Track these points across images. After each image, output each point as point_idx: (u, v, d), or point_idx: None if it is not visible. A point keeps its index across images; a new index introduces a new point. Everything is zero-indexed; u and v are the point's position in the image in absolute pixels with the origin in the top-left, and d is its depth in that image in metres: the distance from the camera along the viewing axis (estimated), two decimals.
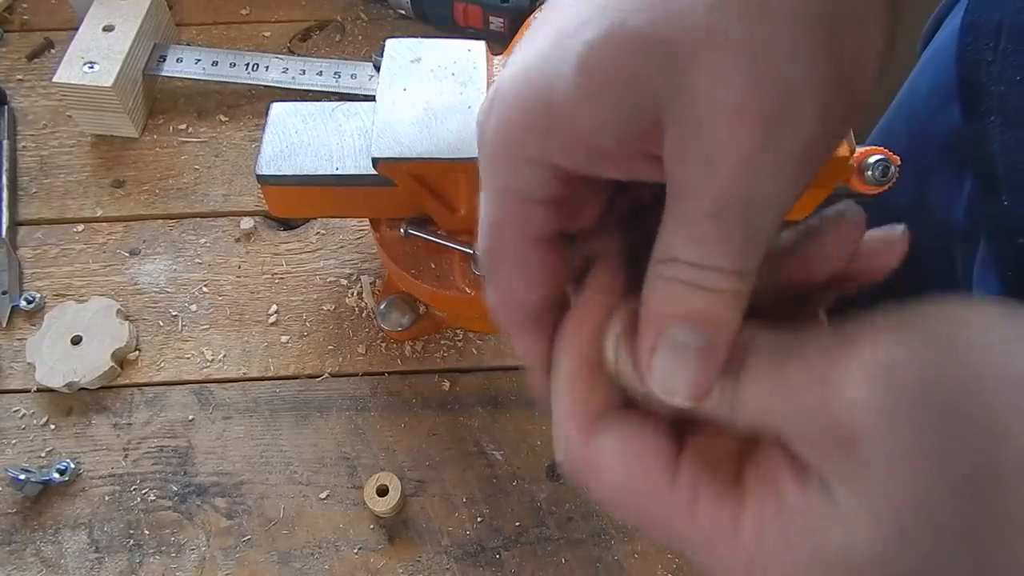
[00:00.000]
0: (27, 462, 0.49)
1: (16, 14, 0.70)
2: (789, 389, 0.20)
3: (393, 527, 0.47)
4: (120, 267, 0.57)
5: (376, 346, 0.53)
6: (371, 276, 0.56)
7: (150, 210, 0.59)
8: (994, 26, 0.48)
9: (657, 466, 0.22)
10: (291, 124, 0.47)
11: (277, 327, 0.54)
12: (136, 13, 0.62)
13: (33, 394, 0.51)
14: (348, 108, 0.48)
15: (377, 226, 0.50)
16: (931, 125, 0.58)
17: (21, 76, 0.66)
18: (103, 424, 0.50)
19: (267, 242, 0.58)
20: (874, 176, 0.43)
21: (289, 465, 0.49)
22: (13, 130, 0.62)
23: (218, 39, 0.69)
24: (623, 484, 0.22)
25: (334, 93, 0.62)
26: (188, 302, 0.55)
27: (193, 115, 0.64)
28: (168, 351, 0.53)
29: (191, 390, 0.52)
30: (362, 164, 0.45)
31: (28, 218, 0.59)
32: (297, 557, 0.46)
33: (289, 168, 0.46)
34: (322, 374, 0.52)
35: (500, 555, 0.47)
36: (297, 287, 0.56)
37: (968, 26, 0.51)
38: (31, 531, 0.47)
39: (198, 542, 0.47)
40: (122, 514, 0.47)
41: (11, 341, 0.53)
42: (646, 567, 0.46)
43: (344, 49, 0.69)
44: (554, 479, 0.49)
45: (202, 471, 0.49)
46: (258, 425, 0.50)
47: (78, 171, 0.61)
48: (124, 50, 0.59)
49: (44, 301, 0.55)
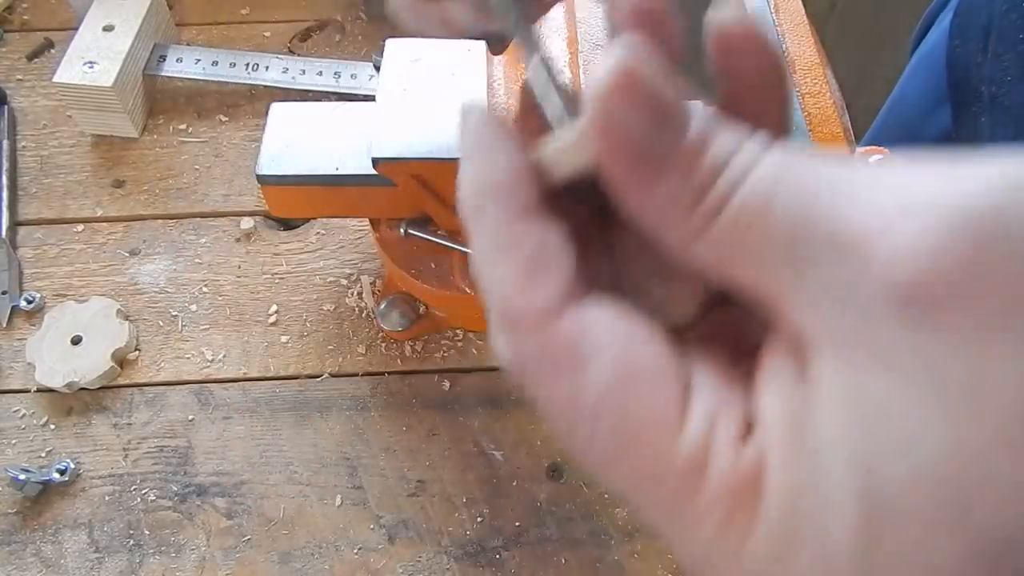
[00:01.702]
0: (27, 462, 0.49)
1: (16, 14, 0.70)
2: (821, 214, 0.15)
3: (393, 527, 0.47)
4: (120, 267, 0.57)
5: (376, 346, 0.53)
6: (371, 276, 0.56)
7: (150, 210, 0.59)
8: (983, 27, 0.48)
9: (667, 372, 0.17)
10: (291, 124, 0.47)
11: (277, 327, 0.54)
12: (136, 13, 0.62)
13: (33, 394, 0.51)
14: (348, 108, 0.48)
15: (377, 226, 0.50)
16: (922, 127, 0.58)
17: (21, 76, 0.66)
18: (103, 424, 0.50)
19: (267, 242, 0.58)
20: None
21: (289, 465, 0.49)
22: (13, 130, 0.62)
23: (218, 39, 0.69)
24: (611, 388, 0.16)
25: (334, 93, 0.62)
26: (188, 302, 0.55)
27: (193, 115, 0.64)
28: (168, 351, 0.53)
29: (191, 390, 0.52)
30: (362, 164, 0.45)
31: (28, 218, 0.59)
32: (297, 557, 0.46)
33: (289, 168, 0.46)
34: (322, 374, 0.52)
35: (500, 555, 0.47)
36: (297, 287, 0.56)
37: (957, 28, 0.51)
38: (31, 531, 0.47)
39: (198, 542, 0.47)
40: (122, 514, 0.47)
41: (11, 341, 0.53)
42: (646, 567, 0.46)
43: (344, 49, 0.69)
44: (554, 479, 0.49)
45: (202, 471, 0.49)
46: (258, 425, 0.50)
47: (78, 171, 0.61)
48: (124, 50, 0.59)
49: (44, 301, 0.55)
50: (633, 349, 0.17)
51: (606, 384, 0.16)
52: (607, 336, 0.17)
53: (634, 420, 0.16)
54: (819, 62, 0.43)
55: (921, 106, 0.59)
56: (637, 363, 0.17)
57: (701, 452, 0.16)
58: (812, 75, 0.42)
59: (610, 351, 0.17)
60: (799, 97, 0.42)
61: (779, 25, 0.44)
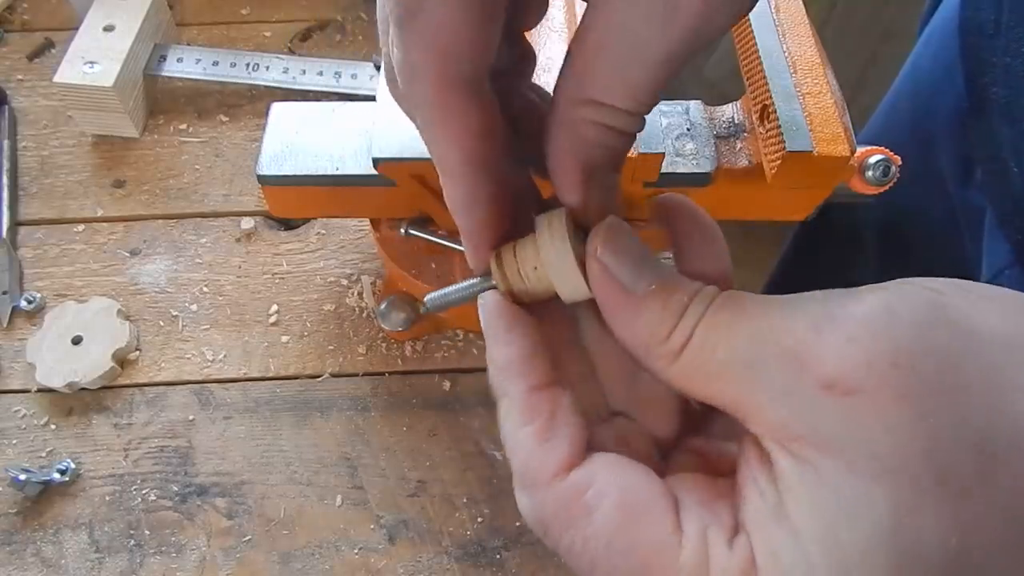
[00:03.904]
0: (27, 462, 0.49)
1: (16, 14, 0.70)
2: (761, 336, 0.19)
3: (393, 527, 0.47)
4: (120, 267, 0.57)
5: (376, 346, 0.53)
6: (371, 276, 0.56)
7: (150, 210, 0.59)
8: None
9: (660, 507, 0.20)
10: (291, 124, 0.47)
11: (277, 327, 0.54)
12: (136, 13, 0.62)
13: (34, 394, 0.51)
14: (348, 108, 0.48)
15: (377, 226, 0.50)
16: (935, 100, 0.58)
17: (21, 76, 0.66)
18: (103, 424, 0.50)
19: (267, 242, 0.58)
20: (875, 176, 0.43)
21: (289, 465, 0.49)
22: (13, 130, 0.62)
23: (218, 39, 0.69)
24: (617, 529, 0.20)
25: (334, 93, 0.62)
26: (188, 302, 0.55)
27: (193, 115, 0.64)
28: (168, 351, 0.53)
29: (191, 390, 0.52)
30: (362, 164, 0.45)
31: (28, 218, 0.59)
32: (297, 557, 0.46)
33: (290, 168, 0.46)
34: (322, 374, 0.52)
35: (500, 555, 0.47)
36: (297, 287, 0.56)
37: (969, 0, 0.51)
38: (31, 531, 0.47)
39: (198, 542, 0.47)
40: (122, 514, 0.47)
41: (11, 341, 0.53)
42: None
43: (344, 49, 0.69)
44: None
45: (202, 471, 0.49)
46: (258, 425, 0.50)
47: (78, 171, 0.61)
48: (124, 50, 0.59)
49: (44, 301, 0.55)
50: (631, 490, 0.20)
51: (613, 525, 0.20)
52: (609, 484, 0.20)
53: (641, 550, 0.19)
54: (819, 62, 0.43)
55: (933, 78, 0.59)
56: (635, 502, 0.20)
57: (701, 562, 0.19)
58: (812, 75, 0.42)
59: (612, 496, 0.20)
60: (799, 97, 0.41)
61: (779, 25, 0.44)
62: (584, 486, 0.20)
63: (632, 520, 0.20)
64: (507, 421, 0.22)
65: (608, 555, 0.20)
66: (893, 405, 0.17)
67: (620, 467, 0.21)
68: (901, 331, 0.18)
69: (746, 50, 0.44)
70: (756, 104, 0.43)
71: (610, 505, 0.20)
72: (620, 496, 0.20)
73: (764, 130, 0.42)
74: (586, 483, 0.20)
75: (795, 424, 0.18)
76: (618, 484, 0.20)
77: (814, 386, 0.18)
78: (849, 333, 0.18)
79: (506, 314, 0.24)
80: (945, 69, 0.56)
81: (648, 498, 0.20)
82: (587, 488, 0.20)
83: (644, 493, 0.20)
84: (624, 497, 0.20)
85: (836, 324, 0.18)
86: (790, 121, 0.40)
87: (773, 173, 0.41)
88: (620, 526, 0.20)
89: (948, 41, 0.55)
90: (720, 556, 0.19)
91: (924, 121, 0.59)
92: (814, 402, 0.18)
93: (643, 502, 0.20)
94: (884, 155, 0.44)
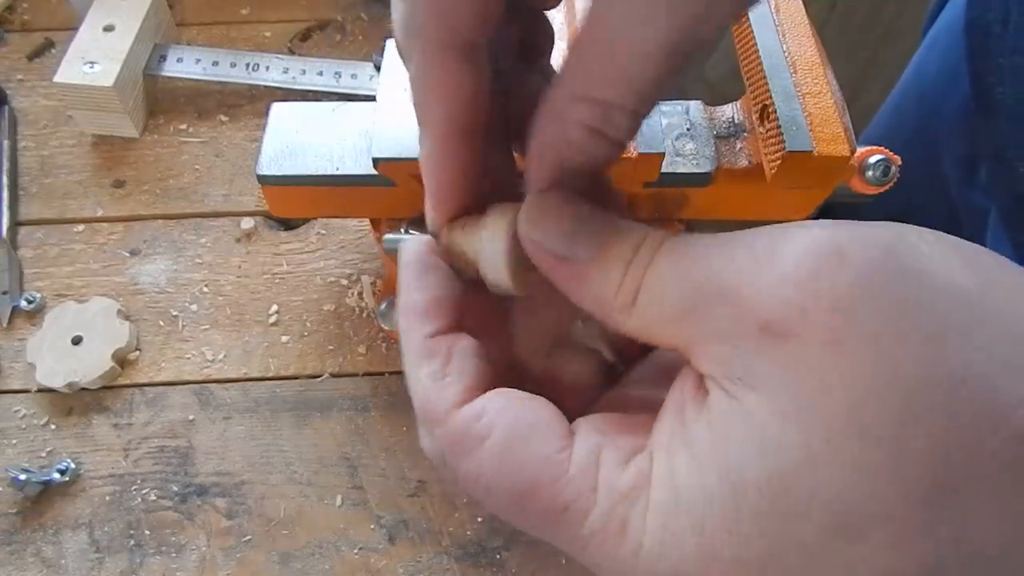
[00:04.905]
0: (27, 462, 0.49)
1: (16, 14, 0.70)
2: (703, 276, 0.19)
3: (393, 527, 0.47)
4: (120, 267, 0.57)
5: (376, 346, 0.53)
6: (371, 276, 0.56)
7: (150, 210, 0.59)
8: None
9: (550, 429, 0.20)
10: (291, 124, 0.47)
11: (277, 327, 0.54)
12: (136, 13, 0.62)
13: (34, 394, 0.51)
14: (348, 108, 0.48)
15: (377, 226, 0.50)
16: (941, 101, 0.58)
17: (21, 76, 0.66)
18: (103, 424, 0.50)
19: (267, 242, 0.58)
20: (875, 176, 0.43)
21: (289, 465, 0.49)
22: (13, 130, 0.62)
23: (218, 39, 0.69)
24: (505, 451, 0.20)
25: (334, 93, 0.62)
26: (188, 302, 0.55)
27: (193, 115, 0.64)
28: (168, 351, 0.53)
29: (191, 390, 0.52)
30: (362, 164, 0.45)
31: (28, 218, 0.59)
32: (298, 557, 0.46)
33: (289, 168, 0.46)
34: (322, 374, 0.52)
35: (500, 555, 0.47)
36: (297, 287, 0.56)
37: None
38: (31, 531, 0.47)
39: (199, 542, 0.47)
40: (122, 514, 0.47)
41: (11, 341, 0.53)
42: None
43: (344, 49, 0.69)
44: None
45: (202, 471, 0.49)
46: (258, 425, 0.50)
47: (78, 171, 0.61)
48: (124, 50, 0.59)
49: (44, 301, 0.55)
50: (522, 416, 0.21)
51: (503, 447, 0.20)
52: (499, 412, 0.21)
53: (529, 468, 0.20)
54: (819, 62, 0.43)
55: (939, 79, 0.59)
56: (525, 424, 0.20)
57: (589, 477, 0.19)
58: (812, 75, 0.42)
59: (503, 423, 0.20)
60: (799, 97, 0.41)
61: (779, 25, 0.44)
62: (476, 417, 0.21)
63: (521, 440, 0.20)
64: (407, 363, 0.23)
65: (499, 478, 0.20)
66: (825, 352, 0.17)
67: (513, 398, 0.21)
68: (845, 275, 0.17)
69: (746, 50, 0.44)
70: (756, 104, 0.43)
71: (500, 430, 0.20)
72: (511, 421, 0.20)
73: (764, 130, 0.42)
74: (478, 414, 0.21)
75: (736, 365, 0.18)
76: (510, 411, 0.21)
77: (753, 326, 0.18)
78: (786, 273, 0.18)
79: (423, 262, 0.24)
80: (951, 70, 0.56)
81: (537, 419, 0.21)
82: (479, 418, 0.21)
83: (534, 416, 0.21)
84: (515, 422, 0.20)
85: (776, 262, 0.18)
86: (790, 121, 0.40)
87: (773, 173, 0.41)
88: (509, 447, 0.20)
89: (954, 42, 0.55)
90: (609, 471, 0.19)
91: (929, 122, 0.59)
92: (751, 343, 0.18)
93: (532, 423, 0.20)
94: (884, 155, 0.44)
